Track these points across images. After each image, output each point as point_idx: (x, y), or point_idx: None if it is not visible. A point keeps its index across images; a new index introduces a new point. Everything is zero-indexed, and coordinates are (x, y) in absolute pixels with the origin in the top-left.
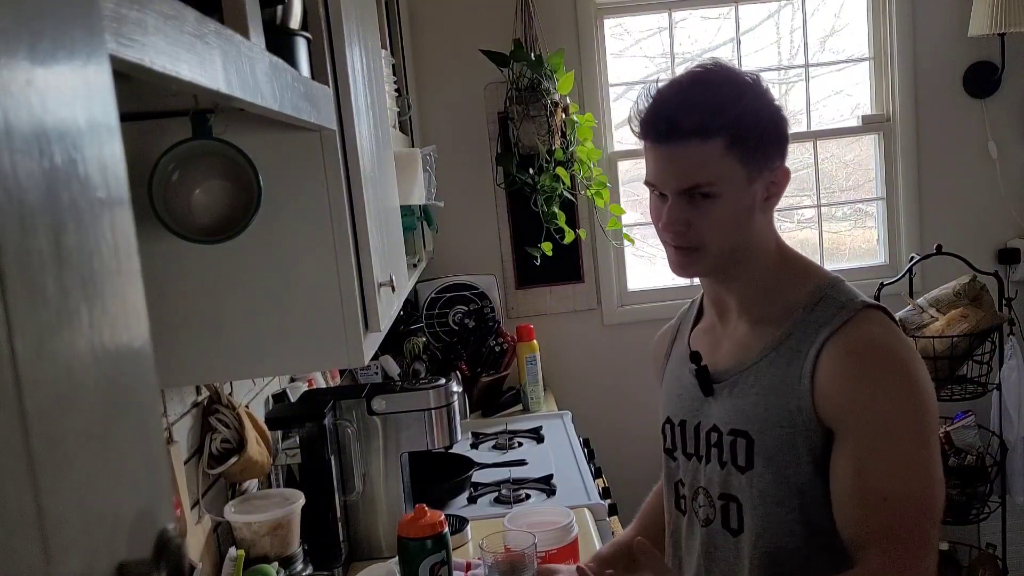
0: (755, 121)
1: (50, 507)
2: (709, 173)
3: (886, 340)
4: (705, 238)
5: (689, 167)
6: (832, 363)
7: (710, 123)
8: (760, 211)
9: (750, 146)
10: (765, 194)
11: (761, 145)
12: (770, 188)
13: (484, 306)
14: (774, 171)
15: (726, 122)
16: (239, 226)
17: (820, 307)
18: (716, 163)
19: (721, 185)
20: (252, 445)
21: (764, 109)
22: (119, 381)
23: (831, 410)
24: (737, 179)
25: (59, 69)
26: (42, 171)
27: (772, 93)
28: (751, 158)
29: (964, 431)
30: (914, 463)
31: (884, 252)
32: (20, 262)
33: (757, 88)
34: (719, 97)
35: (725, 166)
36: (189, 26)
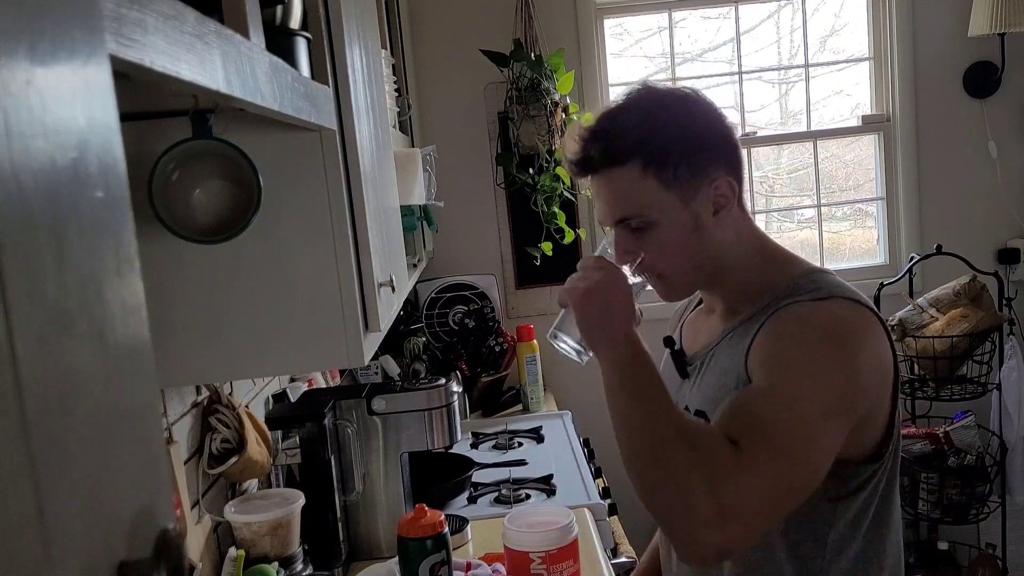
0: (668, 140)
1: (50, 507)
2: (633, 203)
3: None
4: (659, 266)
5: (613, 199)
6: (766, 329)
7: (615, 150)
8: (713, 226)
9: (668, 166)
10: (712, 208)
11: (683, 162)
12: (716, 202)
13: (484, 306)
14: (713, 184)
15: (632, 146)
16: (239, 226)
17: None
18: (636, 191)
19: (651, 212)
20: (252, 445)
21: (682, 126)
22: (119, 381)
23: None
24: (666, 203)
25: (59, 69)
26: (42, 171)
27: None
28: (674, 178)
29: (964, 431)
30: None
31: (884, 252)
32: (20, 262)
33: (677, 106)
34: (625, 123)
35: (647, 192)
36: (189, 26)
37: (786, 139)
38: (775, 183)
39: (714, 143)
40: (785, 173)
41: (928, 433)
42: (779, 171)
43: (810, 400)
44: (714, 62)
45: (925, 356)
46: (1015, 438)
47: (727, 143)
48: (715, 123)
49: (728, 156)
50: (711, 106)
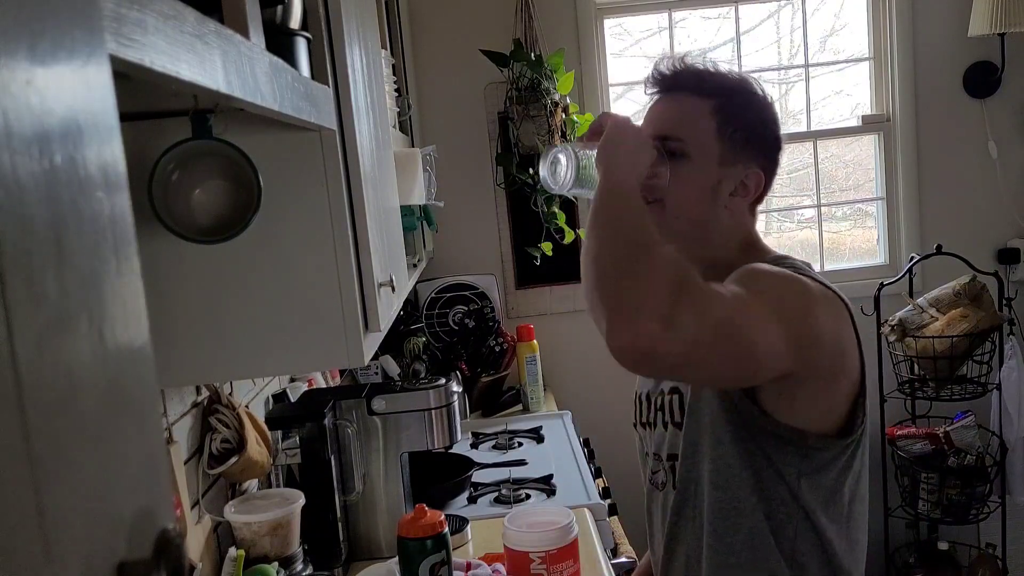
0: (745, 108)
1: (50, 507)
2: (687, 129)
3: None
4: (669, 193)
5: (673, 116)
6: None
7: (703, 82)
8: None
9: (732, 125)
10: (732, 187)
11: (743, 131)
12: (740, 187)
13: (484, 306)
14: (748, 168)
15: (719, 91)
16: (239, 226)
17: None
18: (696, 121)
19: (692, 146)
20: (252, 445)
21: (758, 108)
22: (119, 381)
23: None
24: (709, 150)
25: (59, 69)
26: (42, 171)
27: (772, 108)
28: (730, 138)
29: (964, 431)
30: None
31: (884, 252)
32: (20, 262)
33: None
34: (721, 75)
35: (703, 129)
36: (189, 26)
37: (786, 139)
38: (775, 183)
39: (771, 141)
40: (785, 173)
41: (928, 433)
42: (779, 171)
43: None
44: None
45: (925, 356)
46: (1015, 438)
47: (777, 150)
48: (775, 127)
49: (770, 159)
50: (778, 115)
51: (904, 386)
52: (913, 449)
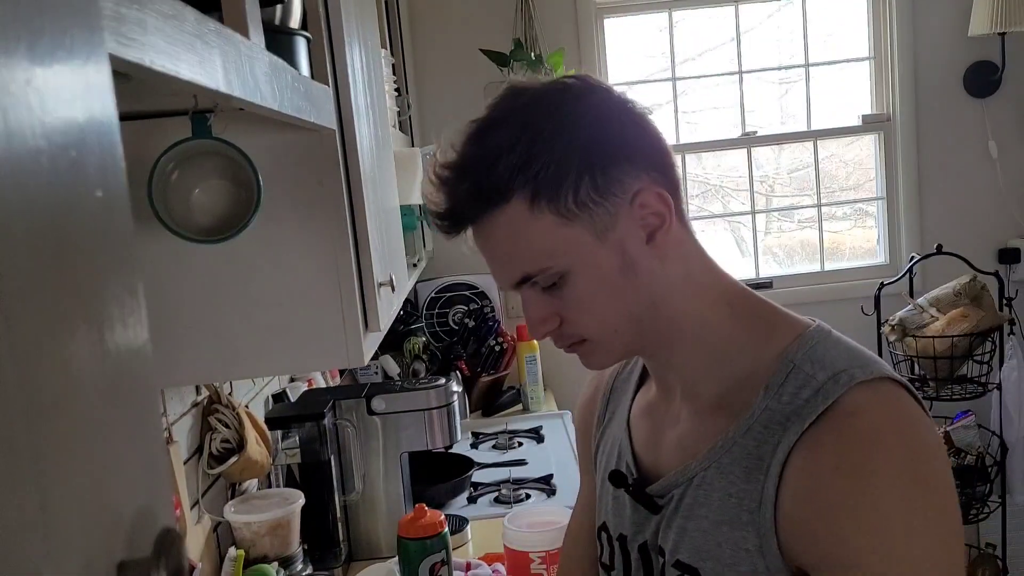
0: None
1: (50, 507)
2: (531, 253)
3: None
4: (583, 328)
5: (504, 254)
6: (804, 481)
7: (488, 186)
8: (648, 258)
9: (564, 192)
10: (641, 234)
11: (584, 180)
12: (645, 222)
13: (484, 306)
14: (635, 199)
15: (509, 176)
16: (239, 226)
17: (788, 385)
18: (530, 236)
19: (558, 260)
20: (252, 445)
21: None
22: (119, 381)
23: (804, 550)
24: (574, 242)
25: (58, 68)
26: (41, 171)
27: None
28: (577, 206)
29: (964, 431)
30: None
31: (884, 252)
32: (20, 262)
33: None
34: (493, 146)
35: (545, 235)
36: (189, 26)
37: (786, 139)
38: (775, 183)
39: (622, 144)
40: (785, 173)
41: None
42: (779, 171)
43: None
44: (714, 62)
45: (925, 356)
46: (1015, 438)
47: (643, 140)
48: (620, 117)
49: (648, 158)
50: (610, 95)
51: None
52: None
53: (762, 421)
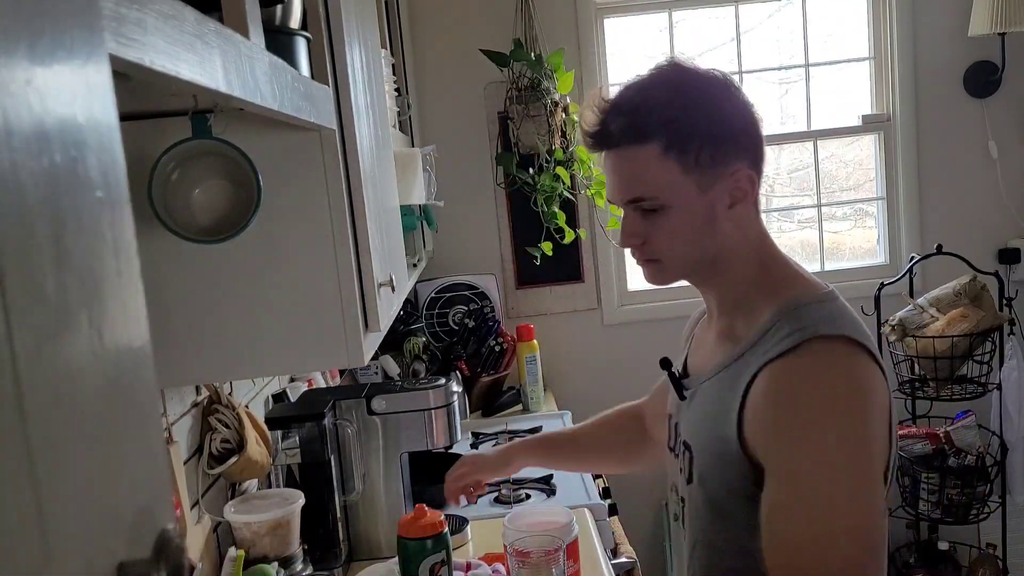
0: (694, 123)
1: (50, 507)
2: (649, 184)
3: (820, 377)
4: (662, 252)
5: (628, 177)
6: (757, 395)
7: (639, 126)
8: (725, 219)
9: (691, 151)
10: (728, 200)
11: (707, 148)
12: (733, 194)
13: (484, 306)
14: (734, 175)
15: (657, 125)
16: (239, 226)
17: (773, 332)
18: (654, 171)
19: (666, 196)
20: (252, 445)
21: (710, 109)
22: (119, 381)
23: (755, 448)
24: (684, 188)
25: (59, 68)
26: (42, 171)
27: (734, 93)
28: (695, 164)
29: (964, 431)
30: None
31: (884, 252)
32: (20, 262)
33: (707, 88)
34: (651, 99)
35: (665, 174)
36: (189, 26)
37: (786, 139)
38: (775, 183)
39: (740, 132)
40: (785, 173)
41: (928, 433)
42: (779, 171)
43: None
44: (714, 62)
45: (925, 356)
46: (1015, 438)
47: (753, 135)
48: (743, 112)
49: (753, 149)
50: (741, 93)
51: (904, 386)
52: (914, 449)
53: (751, 352)
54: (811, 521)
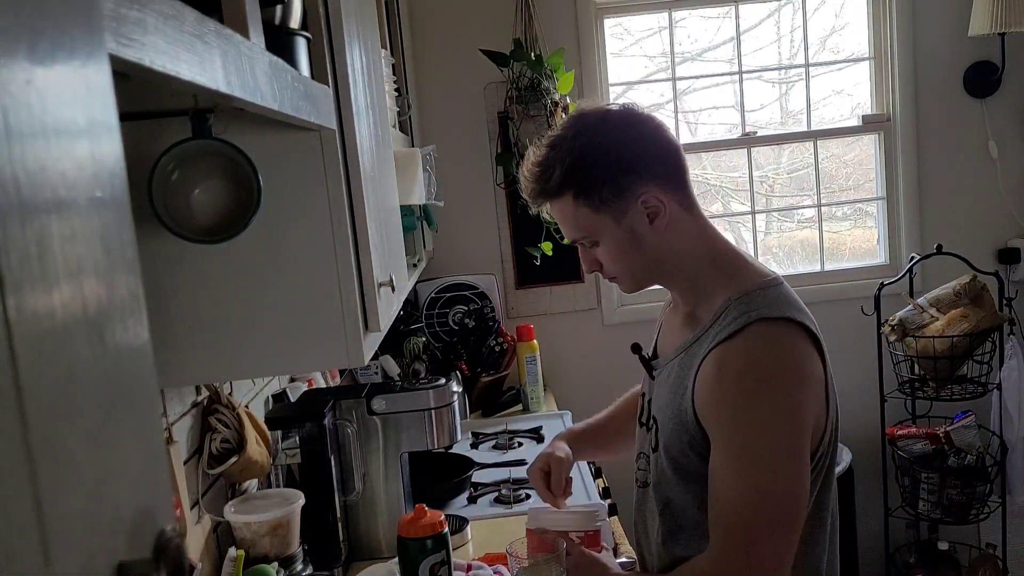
0: (591, 170)
1: (50, 507)
2: (576, 227)
3: (755, 356)
4: (614, 272)
5: (562, 223)
6: (704, 374)
7: (550, 184)
8: (652, 234)
9: (594, 194)
10: (645, 219)
11: (607, 187)
12: (649, 213)
13: (484, 306)
14: (640, 198)
15: (562, 181)
16: (239, 226)
17: (723, 317)
18: (574, 217)
19: (592, 234)
20: (252, 445)
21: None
22: (119, 381)
23: (703, 418)
24: (602, 224)
25: (59, 69)
26: (41, 170)
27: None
28: (601, 203)
29: (964, 431)
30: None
31: (884, 252)
32: (20, 262)
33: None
34: (555, 158)
35: (583, 217)
36: (189, 26)
37: (786, 139)
38: (775, 183)
39: (637, 160)
40: (785, 173)
41: (928, 433)
42: (779, 171)
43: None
44: (714, 62)
45: (925, 356)
46: (1015, 438)
47: (654, 155)
48: (640, 140)
49: (656, 167)
50: (640, 122)
51: (904, 386)
52: (913, 449)
53: (706, 335)
54: (739, 482)
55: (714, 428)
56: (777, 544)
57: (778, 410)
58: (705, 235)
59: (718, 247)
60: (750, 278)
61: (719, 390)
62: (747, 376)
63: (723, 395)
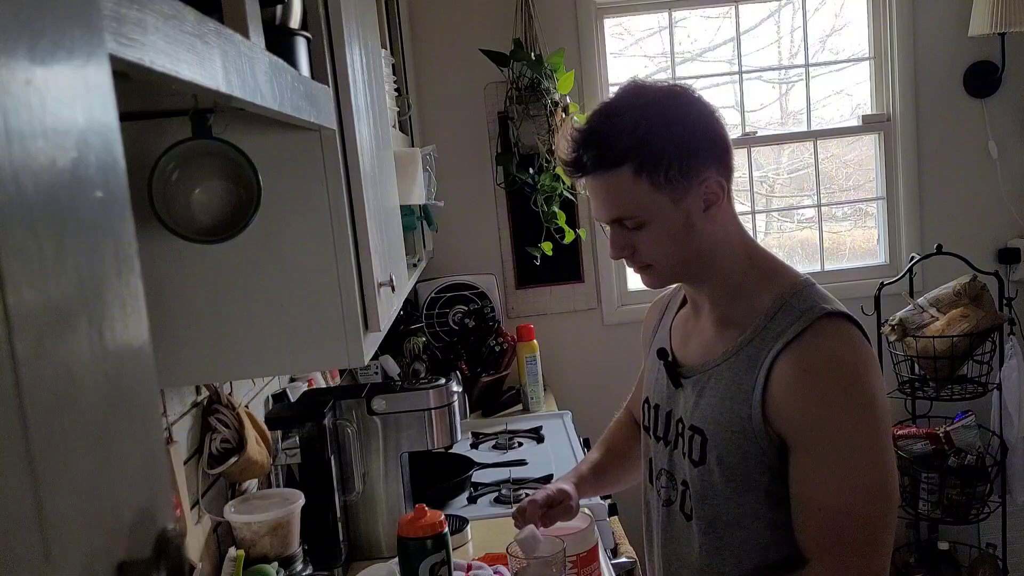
0: (659, 143)
1: (50, 507)
2: (626, 204)
3: (838, 353)
4: (650, 259)
5: (607, 200)
6: (784, 377)
7: (608, 154)
8: (703, 222)
9: (660, 170)
10: (702, 206)
11: (674, 165)
12: (707, 199)
13: (484, 306)
14: (703, 183)
15: (625, 151)
16: (239, 226)
17: (780, 315)
18: (629, 193)
19: (644, 213)
20: (252, 445)
21: (672, 127)
22: (119, 381)
23: (781, 423)
24: (658, 203)
25: (59, 69)
26: (42, 171)
27: (695, 104)
28: (666, 180)
29: (964, 431)
30: (856, 478)
31: (884, 252)
32: (20, 262)
33: (668, 106)
34: (617, 126)
35: (640, 194)
36: (189, 26)
37: (786, 139)
38: (775, 183)
39: (705, 143)
40: (785, 173)
41: (928, 433)
42: (779, 171)
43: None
44: (714, 62)
45: (925, 356)
46: (1015, 438)
47: (718, 142)
48: (707, 122)
49: (718, 155)
50: (703, 104)
51: (904, 386)
52: (913, 449)
53: (761, 336)
54: (841, 486)
55: (799, 430)
56: (884, 541)
57: (869, 404)
58: (742, 233)
59: (754, 246)
60: (789, 277)
61: (804, 391)
62: (835, 374)
63: (811, 395)
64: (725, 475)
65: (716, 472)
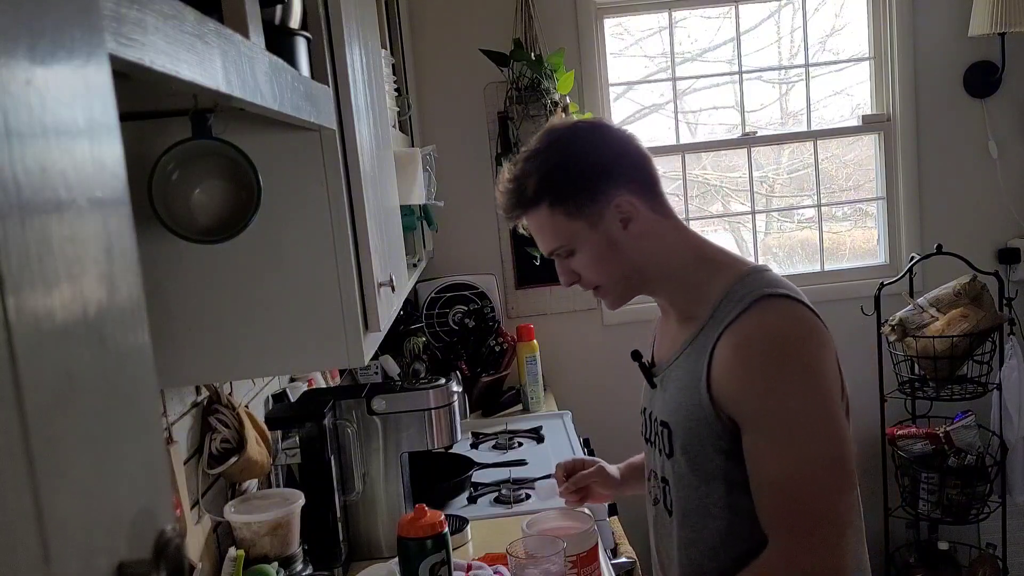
0: (564, 178)
1: (50, 507)
2: (552, 237)
3: (773, 326)
4: (594, 281)
5: (538, 236)
6: (722, 358)
7: (527, 197)
8: (628, 239)
9: (570, 200)
10: (620, 225)
11: (581, 194)
12: (622, 218)
13: (484, 306)
14: (614, 205)
15: (537, 191)
16: (239, 226)
17: (724, 303)
18: (551, 227)
19: (569, 242)
20: (252, 445)
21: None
22: (119, 381)
23: (726, 403)
24: (578, 231)
25: (59, 69)
26: (41, 171)
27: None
28: (577, 209)
29: (964, 431)
30: (801, 447)
31: (884, 252)
32: (20, 262)
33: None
34: (528, 170)
35: (559, 226)
36: (189, 26)
37: (786, 139)
38: (775, 183)
39: (610, 166)
40: (785, 173)
41: (928, 433)
42: (779, 171)
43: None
44: (714, 62)
45: (925, 356)
46: (1015, 438)
47: (625, 162)
48: (610, 147)
49: (628, 173)
50: (609, 132)
51: (904, 386)
52: (913, 449)
53: (709, 325)
54: (789, 458)
55: (743, 408)
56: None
57: (809, 374)
58: (685, 237)
59: (701, 245)
60: (741, 267)
61: (742, 368)
62: (770, 346)
63: (748, 371)
64: (690, 465)
65: (682, 462)
